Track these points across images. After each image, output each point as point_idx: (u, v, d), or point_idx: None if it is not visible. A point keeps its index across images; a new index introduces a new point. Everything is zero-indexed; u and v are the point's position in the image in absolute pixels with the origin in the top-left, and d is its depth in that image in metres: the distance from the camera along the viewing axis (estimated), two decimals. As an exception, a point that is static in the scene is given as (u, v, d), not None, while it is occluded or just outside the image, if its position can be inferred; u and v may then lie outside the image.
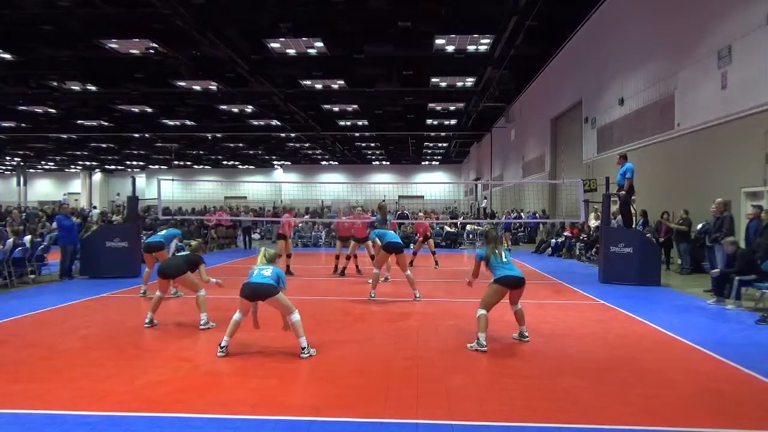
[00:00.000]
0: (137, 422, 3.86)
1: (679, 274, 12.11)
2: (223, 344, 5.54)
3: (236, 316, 5.67)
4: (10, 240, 10.33)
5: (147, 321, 6.89)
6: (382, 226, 10.26)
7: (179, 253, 7.83)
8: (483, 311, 5.90)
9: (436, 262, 13.78)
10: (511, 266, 6.12)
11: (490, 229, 6.90)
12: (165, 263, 7.29)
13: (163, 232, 9.50)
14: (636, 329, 6.97)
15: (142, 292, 9.26)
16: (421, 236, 13.97)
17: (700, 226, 11.21)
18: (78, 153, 48.85)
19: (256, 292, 5.62)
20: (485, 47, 18.80)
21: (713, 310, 8.20)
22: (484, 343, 5.75)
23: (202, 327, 6.76)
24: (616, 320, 7.55)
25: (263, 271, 5.74)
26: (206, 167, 60.82)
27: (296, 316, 5.61)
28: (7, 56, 19.53)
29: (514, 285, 6.05)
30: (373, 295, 8.89)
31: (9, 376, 4.82)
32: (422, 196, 38.00)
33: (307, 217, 23.11)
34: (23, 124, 33.73)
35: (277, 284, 5.66)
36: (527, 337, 6.27)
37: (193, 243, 7.59)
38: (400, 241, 9.07)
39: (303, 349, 5.53)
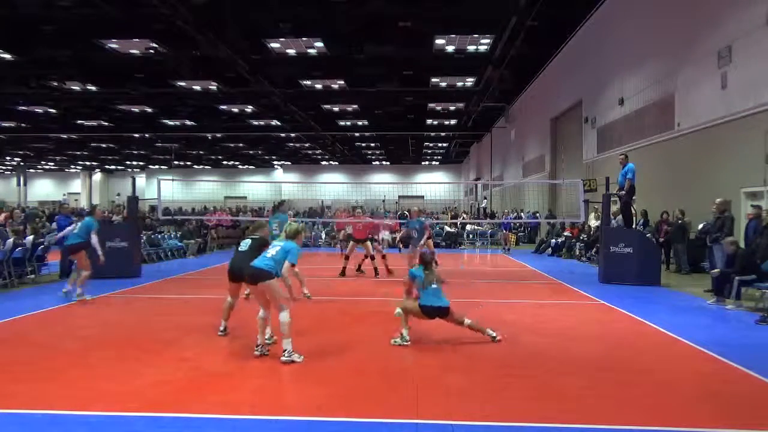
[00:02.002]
0: (137, 422, 3.86)
1: (677, 274, 12.11)
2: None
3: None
4: (11, 240, 10.32)
5: (221, 329, 6.36)
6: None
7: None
8: (400, 311, 6.05)
9: (436, 262, 13.77)
10: (437, 295, 6.03)
11: (425, 253, 6.79)
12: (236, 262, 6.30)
13: (76, 230, 8.86)
14: (636, 329, 6.97)
15: (65, 293, 8.65)
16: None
17: (700, 226, 11.20)
18: (78, 153, 48.86)
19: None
20: (485, 47, 18.80)
21: (713, 310, 8.20)
22: (407, 338, 5.95)
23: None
24: (616, 320, 7.55)
25: (270, 251, 5.44)
26: (206, 167, 60.83)
27: (285, 316, 5.27)
28: (7, 56, 19.54)
29: (431, 316, 6.03)
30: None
31: (9, 376, 4.82)
32: (422, 196, 37.95)
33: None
34: (23, 124, 33.74)
35: (275, 269, 5.31)
36: (493, 336, 6.06)
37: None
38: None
39: (285, 351, 5.22)
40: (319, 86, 24.79)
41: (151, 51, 18.90)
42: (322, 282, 11.33)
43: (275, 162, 58.34)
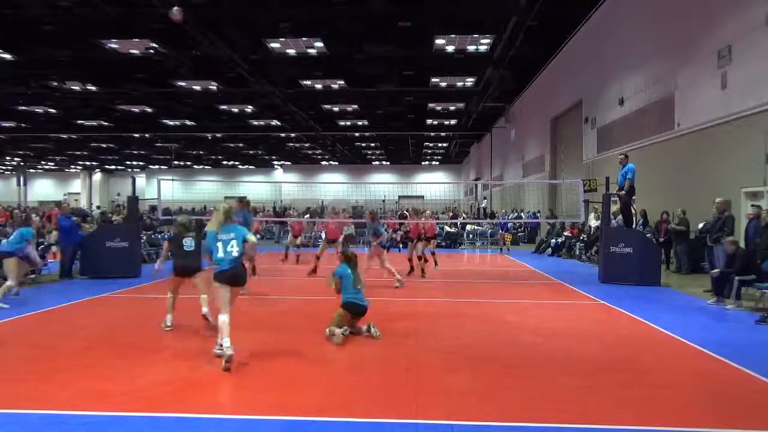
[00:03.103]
0: (137, 422, 3.87)
1: (677, 273, 12.11)
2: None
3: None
4: (5, 241, 10.27)
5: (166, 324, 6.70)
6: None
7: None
8: (334, 329, 6.10)
9: (436, 262, 13.78)
10: (359, 293, 6.36)
11: (347, 250, 6.90)
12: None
13: (11, 238, 8.54)
14: (636, 329, 6.97)
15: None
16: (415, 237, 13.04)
17: (701, 225, 11.21)
18: (78, 153, 48.88)
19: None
20: (485, 47, 18.80)
21: (713, 310, 8.20)
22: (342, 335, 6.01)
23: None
24: (616, 320, 7.55)
25: (230, 248, 5.32)
26: (206, 167, 60.83)
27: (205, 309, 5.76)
28: (7, 56, 19.54)
29: (356, 313, 6.32)
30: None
31: (9, 376, 4.82)
32: (422, 196, 37.96)
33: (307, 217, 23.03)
34: (23, 124, 33.75)
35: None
36: (373, 332, 6.28)
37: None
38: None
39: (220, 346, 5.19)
40: (319, 86, 24.79)
41: (151, 51, 18.89)
42: (323, 282, 11.32)
43: (275, 162, 58.34)
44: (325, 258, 12.51)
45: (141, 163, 57.32)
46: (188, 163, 57.91)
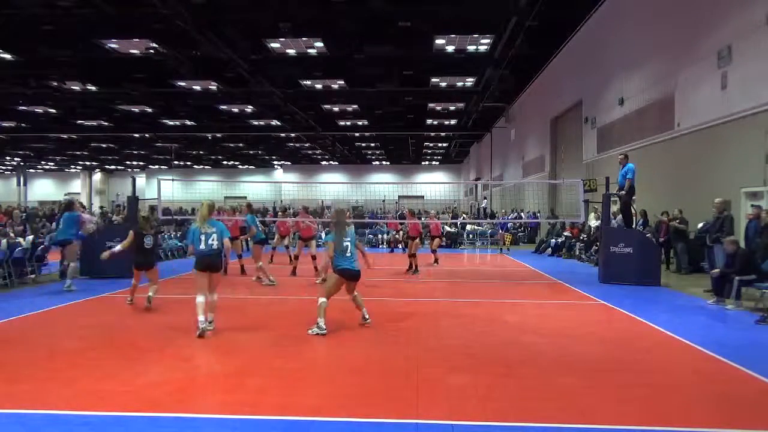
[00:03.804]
0: (137, 422, 3.86)
1: (677, 273, 12.11)
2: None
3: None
4: (4, 241, 10.29)
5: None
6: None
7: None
8: (323, 299, 6.48)
9: (436, 260, 13.78)
10: (352, 259, 6.67)
11: (338, 211, 7.10)
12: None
13: (61, 227, 9.20)
14: (636, 329, 6.97)
15: None
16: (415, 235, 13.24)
17: (700, 225, 11.21)
18: (78, 153, 48.84)
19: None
20: (485, 47, 18.79)
21: (713, 310, 8.20)
22: (324, 326, 6.31)
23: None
24: (616, 320, 7.55)
25: (211, 240, 6.47)
26: (206, 167, 60.80)
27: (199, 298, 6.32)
28: (7, 56, 19.53)
29: (349, 277, 6.67)
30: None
31: (9, 376, 4.82)
32: (422, 196, 37.99)
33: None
34: (23, 124, 33.73)
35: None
36: (368, 319, 6.84)
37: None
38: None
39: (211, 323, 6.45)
40: (319, 86, 24.78)
41: (151, 51, 18.88)
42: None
43: (275, 162, 58.33)
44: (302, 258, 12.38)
45: (141, 163, 57.29)
46: (188, 163, 57.91)
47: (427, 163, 60.76)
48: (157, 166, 58.07)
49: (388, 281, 11.15)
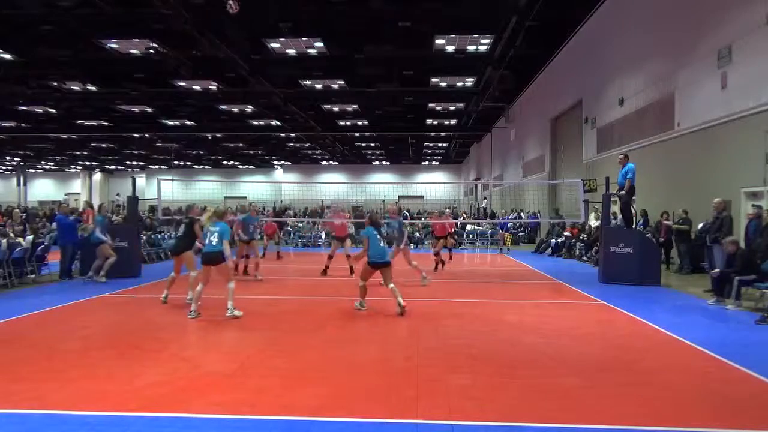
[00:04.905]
0: (137, 422, 3.86)
1: (678, 274, 12.11)
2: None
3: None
4: (4, 241, 10.28)
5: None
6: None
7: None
8: (362, 282, 7.81)
9: (443, 263, 13.79)
10: (384, 252, 7.76)
11: (373, 213, 8.41)
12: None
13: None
14: (636, 329, 6.97)
15: None
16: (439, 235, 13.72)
17: (700, 225, 11.21)
18: (78, 153, 48.85)
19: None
20: (485, 47, 18.79)
21: (713, 310, 8.19)
22: (365, 304, 7.81)
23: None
24: (616, 320, 7.55)
25: (211, 238, 7.30)
26: (206, 167, 60.79)
27: (233, 284, 7.40)
28: (7, 56, 19.52)
29: (382, 266, 7.70)
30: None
31: (9, 376, 4.82)
32: (422, 196, 37.98)
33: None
34: (23, 124, 33.72)
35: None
36: (401, 306, 7.53)
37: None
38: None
39: (228, 308, 7.30)
40: (319, 86, 24.77)
41: (151, 51, 18.88)
42: (324, 281, 11.33)
43: (275, 162, 58.32)
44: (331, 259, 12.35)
45: (141, 163, 57.28)
46: (188, 163, 57.90)
47: (427, 163, 60.75)
48: (157, 166, 58.07)
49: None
